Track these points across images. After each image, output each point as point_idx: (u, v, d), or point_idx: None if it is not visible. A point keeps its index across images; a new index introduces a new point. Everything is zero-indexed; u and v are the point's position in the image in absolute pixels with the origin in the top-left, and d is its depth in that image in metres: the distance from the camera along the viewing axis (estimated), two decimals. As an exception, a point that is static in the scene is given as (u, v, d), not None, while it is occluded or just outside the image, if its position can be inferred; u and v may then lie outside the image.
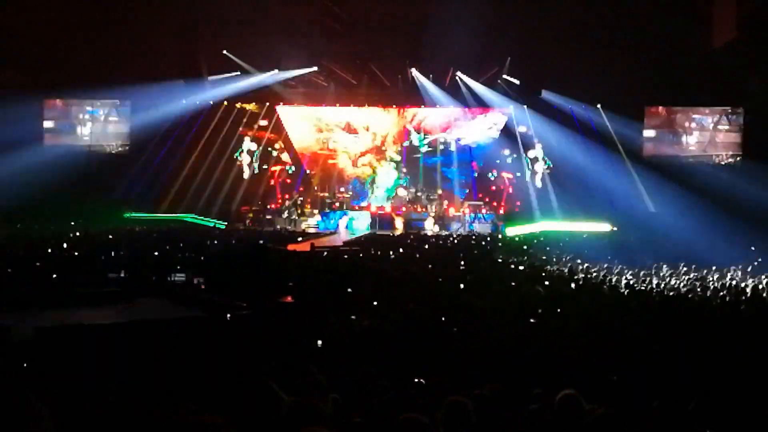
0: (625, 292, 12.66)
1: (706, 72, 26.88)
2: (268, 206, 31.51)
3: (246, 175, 32.50)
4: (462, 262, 16.86)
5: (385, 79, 31.64)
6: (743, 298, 12.06)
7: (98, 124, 32.67)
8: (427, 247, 20.84)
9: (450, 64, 30.25)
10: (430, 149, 32.55)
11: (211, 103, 32.32)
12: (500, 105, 31.48)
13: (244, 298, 12.26)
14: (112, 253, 17.23)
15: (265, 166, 32.83)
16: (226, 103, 32.52)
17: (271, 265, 15.75)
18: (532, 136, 31.39)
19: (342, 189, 32.19)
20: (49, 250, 17.44)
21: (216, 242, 21.20)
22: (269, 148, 33.05)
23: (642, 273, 15.81)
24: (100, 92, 31.66)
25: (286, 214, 29.98)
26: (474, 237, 24.89)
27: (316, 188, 32.30)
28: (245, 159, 32.65)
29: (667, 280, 14.64)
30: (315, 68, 31.39)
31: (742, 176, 27.38)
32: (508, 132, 31.88)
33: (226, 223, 29.33)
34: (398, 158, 32.50)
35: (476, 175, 32.21)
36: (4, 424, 2.52)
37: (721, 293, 12.61)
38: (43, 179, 28.09)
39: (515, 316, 9.82)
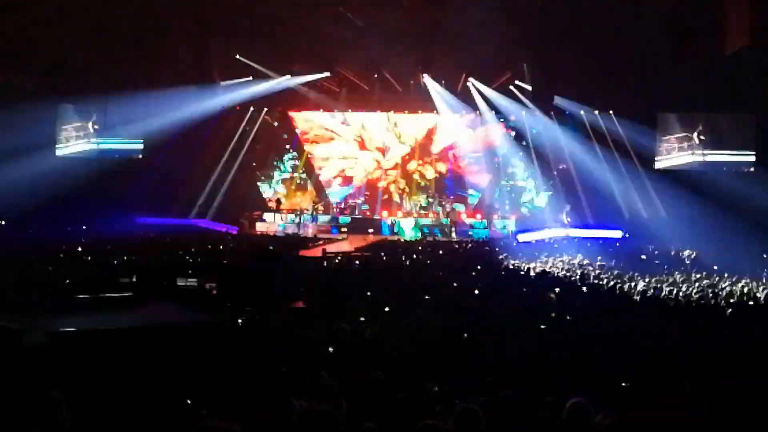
0: (637, 299, 12.62)
1: (719, 79, 26.74)
2: (281, 211, 31.54)
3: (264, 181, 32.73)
4: (478, 268, 16.84)
5: (397, 84, 31.67)
6: (756, 304, 12.00)
7: (110, 129, 32.76)
8: (441, 252, 20.82)
9: (462, 70, 30.21)
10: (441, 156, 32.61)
11: (223, 107, 32.38)
12: (512, 111, 31.43)
13: (255, 304, 12.29)
14: (124, 258, 17.29)
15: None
16: (238, 108, 32.60)
17: (282, 271, 15.78)
18: (544, 143, 31.33)
19: (354, 196, 32.20)
20: (62, 255, 17.52)
21: (228, 247, 21.23)
22: (284, 156, 33.18)
23: (654, 279, 15.73)
24: (112, 97, 31.79)
25: (298, 220, 30.02)
26: (487, 243, 24.83)
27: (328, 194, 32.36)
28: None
29: (680, 287, 14.55)
30: (327, 73, 31.47)
31: (756, 183, 27.20)
32: (519, 138, 31.81)
33: (238, 228, 29.36)
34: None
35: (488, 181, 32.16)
36: (27, 421, 2.55)
37: (733, 300, 12.56)
38: (56, 184, 28.23)
39: (527, 322, 9.80)
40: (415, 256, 19.16)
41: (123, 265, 16.41)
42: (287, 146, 33.34)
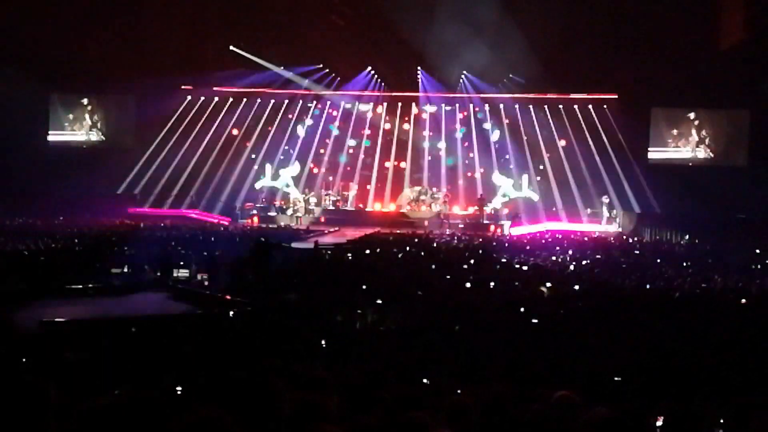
0: (630, 293, 12.62)
1: (713, 74, 26.77)
2: (273, 203, 31.47)
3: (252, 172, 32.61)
4: (470, 261, 16.81)
5: (390, 77, 31.64)
6: (748, 298, 12.02)
7: (103, 120, 32.68)
8: (435, 245, 20.80)
9: (455, 63, 30.14)
10: (436, 147, 32.65)
11: (216, 99, 32.34)
12: (505, 104, 31.52)
13: (247, 295, 12.26)
14: (116, 249, 17.24)
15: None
16: (231, 99, 32.55)
17: (274, 263, 15.74)
18: (537, 136, 31.36)
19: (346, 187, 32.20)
20: (54, 245, 17.45)
21: (220, 239, 21.17)
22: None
23: (647, 273, 15.72)
24: (105, 87, 31.69)
25: (290, 212, 29.92)
26: (479, 237, 24.78)
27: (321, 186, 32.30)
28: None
29: (672, 280, 14.56)
30: (320, 65, 31.42)
31: (748, 178, 27.26)
32: (512, 131, 31.84)
33: (230, 220, 29.29)
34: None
35: (480, 173, 32.14)
36: (13, 410, 2.54)
37: (726, 293, 12.57)
38: (49, 174, 28.13)
39: (519, 316, 9.80)
40: (408, 248, 19.13)
41: (116, 255, 16.37)
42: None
